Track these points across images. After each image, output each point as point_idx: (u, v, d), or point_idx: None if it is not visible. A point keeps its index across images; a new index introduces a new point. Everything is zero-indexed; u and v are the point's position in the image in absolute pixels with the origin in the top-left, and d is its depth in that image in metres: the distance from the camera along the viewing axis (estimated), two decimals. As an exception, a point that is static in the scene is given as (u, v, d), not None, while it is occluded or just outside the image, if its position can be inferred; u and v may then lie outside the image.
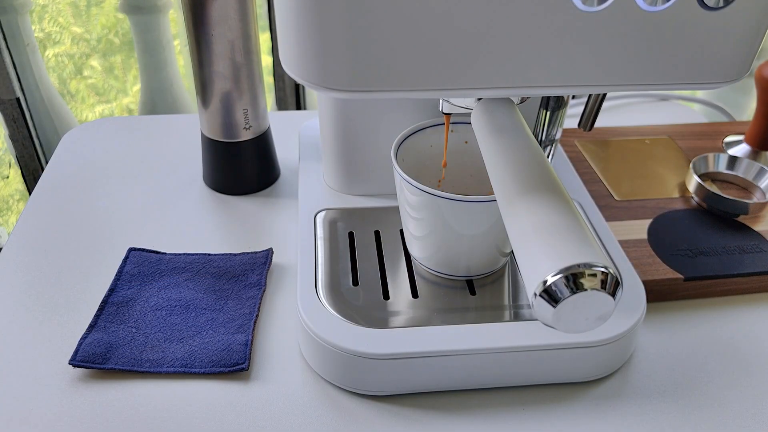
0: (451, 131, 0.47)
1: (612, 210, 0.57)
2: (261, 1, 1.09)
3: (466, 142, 0.48)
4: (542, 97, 0.48)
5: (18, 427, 0.40)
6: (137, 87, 1.34)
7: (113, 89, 1.34)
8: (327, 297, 0.43)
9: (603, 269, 0.27)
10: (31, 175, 1.14)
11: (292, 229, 0.56)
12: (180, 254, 0.52)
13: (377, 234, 0.50)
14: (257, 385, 0.43)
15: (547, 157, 0.47)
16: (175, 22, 1.17)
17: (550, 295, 0.27)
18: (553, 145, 0.52)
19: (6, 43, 1.04)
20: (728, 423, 0.41)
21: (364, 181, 0.53)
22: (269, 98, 1.14)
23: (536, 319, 0.42)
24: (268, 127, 0.60)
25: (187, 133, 0.71)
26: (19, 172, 1.14)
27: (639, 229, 0.54)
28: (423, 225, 0.43)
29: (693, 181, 0.58)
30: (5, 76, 1.04)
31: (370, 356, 0.40)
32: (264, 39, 1.09)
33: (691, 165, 0.59)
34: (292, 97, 1.13)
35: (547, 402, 0.42)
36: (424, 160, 0.48)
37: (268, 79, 1.10)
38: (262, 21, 1.08)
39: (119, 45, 1.26)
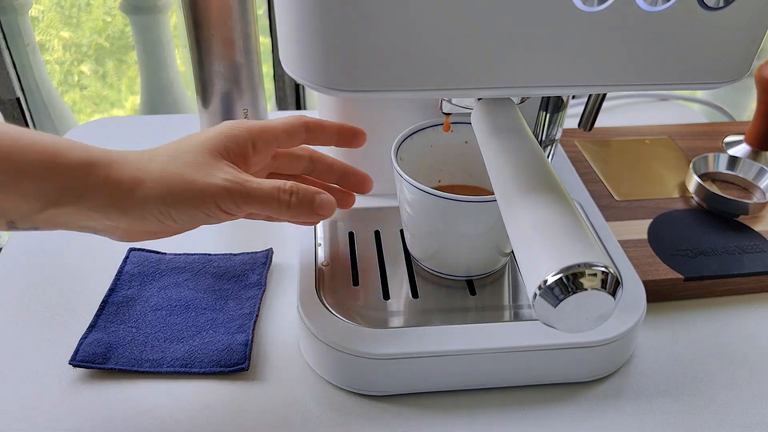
0: (451, 131, 0.48)
1: (612, 210, 0.57)
2: (261, 2, 1.09)
3: (466, 142, 0.48)
4: (542, 99, 0.48)
5: (18, 427, 0.40)
6: (131, 98, 1.34)
7: (107, 100, 1.34)
8: (327, 297, 0.43)
9: (603, 269, 0.27)
10: (31, 175, 1.13)
11: (292, 229, 0.56)
12: (180, 254, 0.52)
13: (377, 234, 0.50)
14: (257, 385, 0.43)
15: (547, 157, 0.47)
16: (175, 27, 1.17)
17: (550, 294, 0.27)
18: (553, 145, 0.52)
19: (6, 43, 1.04)
20: (728, 423, 0.41)
21: (364, 181, 0.53)
22: (269, 98, 1.14)
23: (536, 319, 0.42)
24: (268, 127, 0.60)
25: (187, 133, 0.71)
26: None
27: (639, 229, 0.54)
28: (423, 225, 0.43)
29: (693, 181, 0.58)
30: (5, 76, 1.04)
31: (370, 356, 0.40)
32: (264, 44, 1.09)
33: (691, 165, 0.59)
34: (292, 97, 1.13)
35: (547, 402, 0.42)
36: (424, 160, 0.48)
37: (269, 86, 1.10)
38: (262, 21, 1.08)
39: (109, 49, 1.27)
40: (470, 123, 0.40)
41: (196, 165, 0.35)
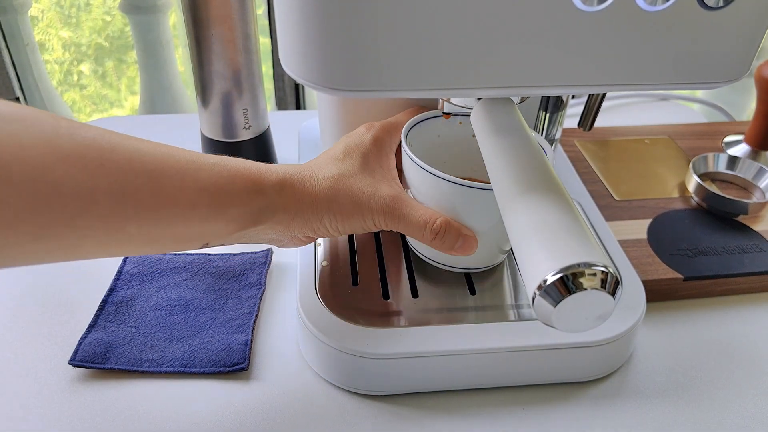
0: (459, 123, 0.47)
1: (612, 210, 0.57)
2: (260, 2, 1.09)
3: (473, 136, 0.47)
4: (541, 99, 0.48)
5: (18, 427, 0.40)
6: (131, 98, 1.34)
7: (107, 99, 1.34)
8: (327, 297, 0.43)
9: (603, 269, 0.27)
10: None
11: (292, 229, 0.56)
12: (180, 254, 0.52)
13: (377, 234, 0.50)
14: (257, 385, 0.43)
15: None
16: (175, 27, 1.17)
17: (550, 294, 0.27)
18: (553, 144, 0.52)
19: (6, 43, 1.04)
20: (728, 423, 0.41)
21: (364, 181, 0.53)
22: (269, 99, 1.14)
23: (536, 319, 0.42)
24: (268, 127, 0.60)
25: (187, 133, 0.71)
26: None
27: (639, 228, 0.54)
28: None
29: (693, 181, 0.58)
30: (5, 76, 1.04)
31: (370, 356, 0.40)
32: (263, 43, 1.09)
33: (690, 165, 0.59)
34: (292, 97, 1.13)
35: (547, 402, 0.42)
36: (430, 150, 0.47)
37: (268, 85, 1.10)
38: (262, 21, 1.08)
39: (109, 49, 1.27)
40: None
41: (363, 183, 0.39)
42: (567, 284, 0.27)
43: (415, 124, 0.46)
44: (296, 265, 0.47)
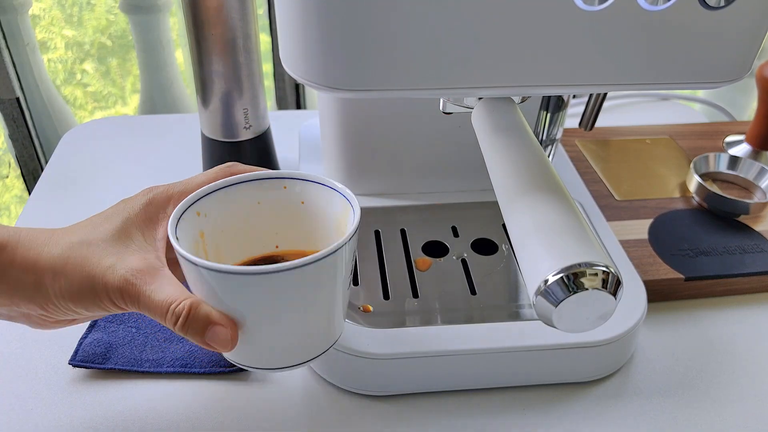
0: (284, 187, 0.38)
1: (613, 210, 0.57)
2: (261, 1, 1.08)
3: (303, 203, 0.38)
4: (542, 99, 0.48)
5: (18, 427, 0.39)
6: (135, 96, 1.34)
7: (112, 96, 1.34)
8: (327, 297, 0.43)
9: (604, 269, 0.27)
10: (31, 175, 1.14)
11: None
12: (180, 254, 0.52)
13: (377, 234, 0.50)
14: (257, 385, 0.43)
15: (548, 156, 0.47)
16: (176, 27, 1.17)
17: (551, 294, 0.27)
18: (554, 144, 0.52)
19: (6, 43, 1.04)
20: (728, 423, 0.41)
21: (365, 181, 0.53)
22: (269, 98, 1.14)
23: (537, 319, 0.42)
24: (268, 127, 0.60)
25: (187, 133, 0.71)
26: (19, 172, 1.14)
27: (640, 228, 0.54)
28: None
29: (694, 181, 0.58)
30: (5, 76, 1.04)
31: (370, 356, 0.40)
32: (264, 42, 1.09)
33: (691, 165, 0.59)
34: (292, 96, 1.12)
35: (547, 402, 0.42)
36: (253, 222, 0.38)
37: (269, 85, 1.10)
38: (262, 21, 1.08)
39: (112, 47, 1.27)
40: (306, 180, 0.36)
41: (105, 252, 0.32)
42: (568, 284, 0.27)
43: (215, 190, 0.36)
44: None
